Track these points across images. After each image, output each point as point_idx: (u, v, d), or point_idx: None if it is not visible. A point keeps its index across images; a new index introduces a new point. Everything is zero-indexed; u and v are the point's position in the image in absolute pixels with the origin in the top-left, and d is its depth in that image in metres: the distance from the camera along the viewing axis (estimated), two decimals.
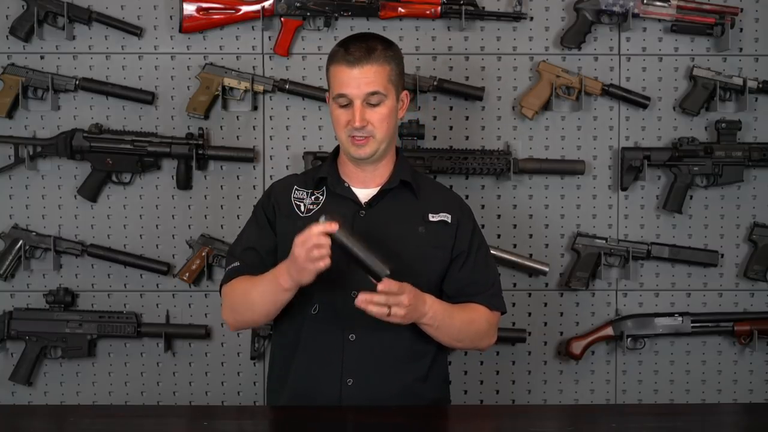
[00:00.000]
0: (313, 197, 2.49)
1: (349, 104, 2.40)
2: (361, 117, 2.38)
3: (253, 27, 3.33)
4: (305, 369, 2.43)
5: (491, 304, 2.51)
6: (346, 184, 2.48)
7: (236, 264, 2.48)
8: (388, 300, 2.24)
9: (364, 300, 2.24)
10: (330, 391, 2.38)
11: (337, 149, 2.54)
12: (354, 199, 2.46)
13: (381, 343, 2.40)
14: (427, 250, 2.45)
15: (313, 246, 2.22)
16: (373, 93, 2.39)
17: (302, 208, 2.48)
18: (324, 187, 2.49)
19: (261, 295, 2.38)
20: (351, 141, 2.41)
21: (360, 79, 2.38)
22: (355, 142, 2.41)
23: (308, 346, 2.43)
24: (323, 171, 2.51)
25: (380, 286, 2.23)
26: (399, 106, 2.47)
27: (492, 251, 3.33)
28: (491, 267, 2.57)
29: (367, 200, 2.46)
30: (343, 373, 2.39)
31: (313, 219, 2.38)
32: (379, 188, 2.47)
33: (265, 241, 2.48)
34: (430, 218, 2.47)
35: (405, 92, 2.50)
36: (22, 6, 3.29)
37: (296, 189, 2.51)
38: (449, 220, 2.49)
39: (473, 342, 2.51)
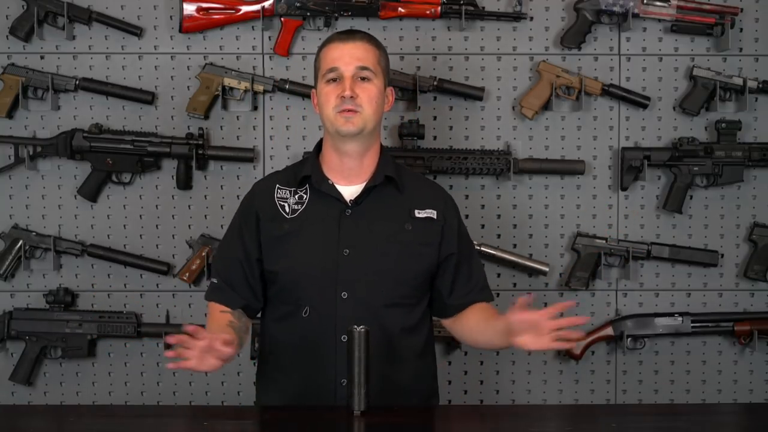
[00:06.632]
0: (296, 196, 2.48)
1: (338, 79, 2.41)
2: (352, 87, 2.40)
3: (253, 27, 3.33)
4: (299, 371, 2.44)
5: (485, 299, 2.56)
6: (330, 182, 2.47)
7: (215, 281, 2.52)
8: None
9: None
10: (325, 392, 2.39)
11: (318, 145, 2.54)
12: (339, 197, 2.46)
13: (372, 343, 2.40)
14: (415, 248, 2.46)
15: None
16: (364, 68, 2.42)
17: (287, 209, 2.47)
18: (307, 185, 2.49)
19: None
20: (339, 115, 2.40)
21: (352, 52, 2.43)
22: (344, 115, 2.40)
23: (301, 348, 2.43)
24: (306, 169, 2.50)
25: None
26: (385, 101, 2.48)
27: (492, 251, 3.35)
28: (477, 262, 2.59)
29: (352, 198, 2.46)
30: (337, 374, 2.39)
31: (299, 220, 2.42)
32: (364, 185, 2.47)
33: (245, 252, 2.48)
34: (417, 214, 2.48)
35: (390, 88, 2.52)
36: (22, 6, 3.29)
37: (279, 188, 2.50)
38: (435, 216, 2.49)
39: None
